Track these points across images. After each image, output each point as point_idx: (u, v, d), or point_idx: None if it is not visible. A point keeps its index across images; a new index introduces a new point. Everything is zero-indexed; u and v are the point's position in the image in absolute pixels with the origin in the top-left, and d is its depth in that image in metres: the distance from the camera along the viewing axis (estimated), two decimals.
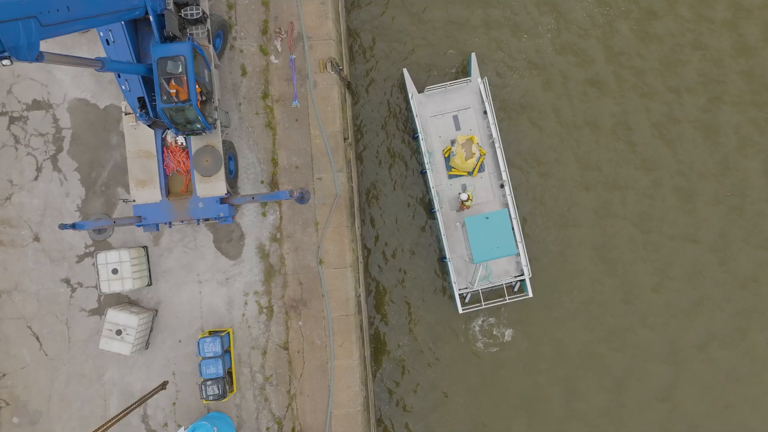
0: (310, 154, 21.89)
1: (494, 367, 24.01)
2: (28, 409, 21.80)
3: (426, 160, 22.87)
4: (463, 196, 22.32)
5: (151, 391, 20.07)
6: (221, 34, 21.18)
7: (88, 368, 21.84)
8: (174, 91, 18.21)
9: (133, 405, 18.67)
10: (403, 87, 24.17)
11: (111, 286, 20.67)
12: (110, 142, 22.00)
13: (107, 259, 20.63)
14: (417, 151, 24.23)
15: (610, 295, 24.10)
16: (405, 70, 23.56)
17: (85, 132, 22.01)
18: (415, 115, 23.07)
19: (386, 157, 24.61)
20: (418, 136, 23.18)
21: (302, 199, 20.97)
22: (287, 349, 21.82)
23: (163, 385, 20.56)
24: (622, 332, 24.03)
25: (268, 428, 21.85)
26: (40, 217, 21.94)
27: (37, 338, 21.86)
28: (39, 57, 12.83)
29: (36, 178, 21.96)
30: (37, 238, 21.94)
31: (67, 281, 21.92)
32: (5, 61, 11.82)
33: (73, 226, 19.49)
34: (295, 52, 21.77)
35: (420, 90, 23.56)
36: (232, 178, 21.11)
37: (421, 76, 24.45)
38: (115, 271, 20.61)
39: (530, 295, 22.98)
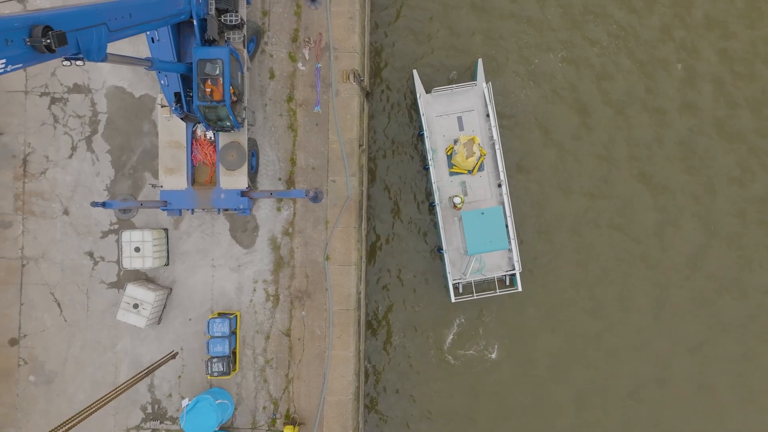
0: (326, 157, 23.91)
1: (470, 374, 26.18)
2: (45, 369, 23.86)
3: (429, 156, 24.70)
4: (456, 200, 24.29)
5: (161, 360, 22.12)
6: (255, 39, 23.21)
7: (103, 337, 23.90)
8: (209, 90, 20.23)
9: (143, 372, 20.70)
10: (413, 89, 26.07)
11: (132, 262, 22.74)
12: (142, 129, 24.03)
13: (131, 237, 22.70)
14: (417, 150, 26.21)
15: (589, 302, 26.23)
16: (415, 72, 25.30)
17: (119, 118, 24.04)
18: (421, 114, 24.88)
19: (395, 160, 26.66)
20: (423, 134, 25.14)
21: (316, 198, 22.98)
22: (289, 335, 23.89)
23: (173, 355, 22.60)
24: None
25: (264, 407, 23.92)
26: (70, 192, 23.97)
27: (59, 305, 23.91)
28: (104, 58, 14.85)
29: (70, 156, 23.99)
30: (66, 212, 23.98)
31: (90, 254, 23.97)
32: (78, 62, 13.84)
33: (104, 204, 21.50)
34: (321, 62, 23.77)
35: (428, 91, 25.48)
36: (252, 173, 23.16)
37: (433, 77, 26.41)
38: (137, 250, 22.68)
39: (519, 289, 24.91)
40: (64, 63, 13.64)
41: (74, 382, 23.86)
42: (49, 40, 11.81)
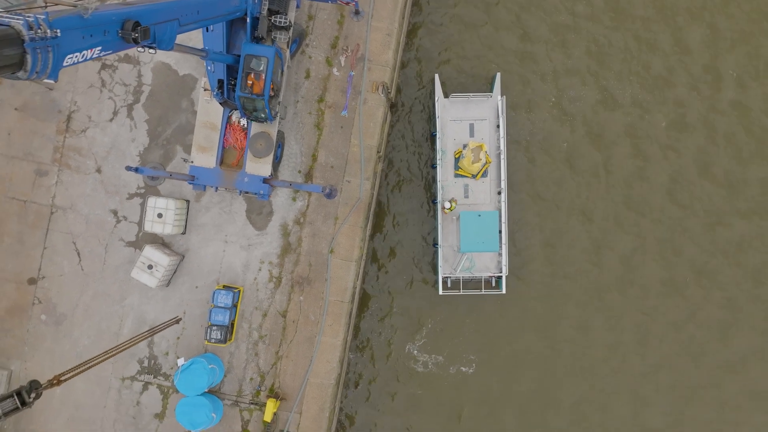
0: (345, 158, 26.21)
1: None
2: (56, 311, 26.19)
3: (438, 156, 26.86)
4: (446, 204, 26.62)
5: (166, 323, 24.43)
6: (298, 40, 25.50)
7: (114, 290, 26.22)
8: (251, 83, 22.52)
9: (147, 332, 22.97)
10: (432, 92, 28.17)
11: (153, 227, 25.06)
12: (180, 105, 26.33)
13: (156, 204, 25.01)
14: (424, 156, 28.55)
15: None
16: (436, 76, 27.34)
17: (161, 92, 26.33)
18: (437, 116, 26.95)
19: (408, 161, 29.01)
20: (435, 135, 27.22)
21: (330, 195, 25.36)
22: (285, 316, 26.21)
23: (177, 320, 24.92)
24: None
25: (251, 379, 26.26)
26: (106, 153, 26.27)
27: (78, 254, 26.22)
28: (171, 47, 17.15)
29: (111, 120, 26.28)
30: (99, 170, 26.28)
31: (114, 212, 26.28)
32: (151, 50, 16.16)
33: (137, 169, 23.82)
34: (355, 70, 26.07)
35: (446, 95, 27.44)
36: (276, 162, 25.46)
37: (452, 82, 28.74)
38: (159, 216, 24.99)
39: (503, 291, 27.07)
40: (139, 50, 15.95)
41: (81, 328, 26.19)
42: (137, 34, 14.11)
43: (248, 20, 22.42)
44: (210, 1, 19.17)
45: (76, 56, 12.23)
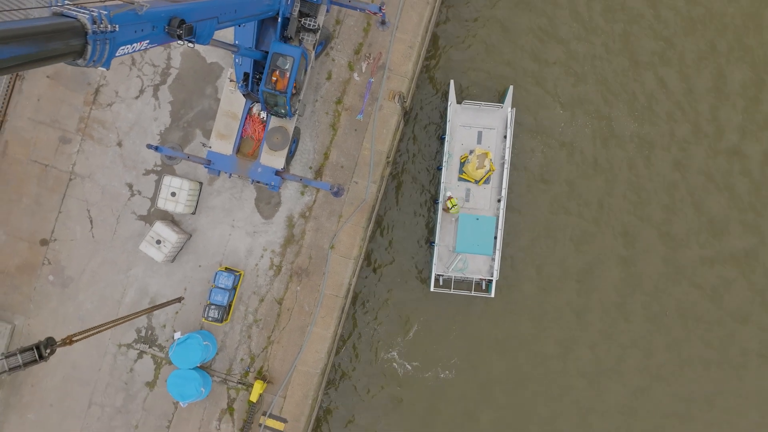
0: (355, 160, 27.65)
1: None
2: (64, 274, 27.66)
3: (445, 159, 28.32)
4: (447, 194, 27.96)
5: (168, 302, 25.92)
6: (324, 43, 26.93)
7: (121, 260, 27.67)
8: (275, 80, 23.96)
9: (151, 307, 24.45)
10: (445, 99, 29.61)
11: (166, 204, 26.51)
12: (204, 91, 27.78)
13: (171, 183, 26.47)
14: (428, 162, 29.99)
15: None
16: (452, 81, 28.80)
17: (188, 76, 27.77)
18: (448, 120, 28.42)
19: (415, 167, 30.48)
20: (444, 138, 28.58)
21: (337, 193, 26.80)
22: (281, 304, 27.67)
23: (179, 299, 26.37)
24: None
25: (242, 359, 27.72)
26: (128, 128, 27.72)
27: (91, 221, 27.68)
28: (208, 42, 18.59)
29: (136, 98, 27.73)
30: (119, 144, 27.74)
31: (130, 186, 27.74)
32: (190, 45, 17.58)
33: (157, 148, 25.33)
34: (375, 77, 27.49)
35: (459, 101, 28.87)
36: (289, 156, 26.90)
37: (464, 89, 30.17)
38: (173, 194, 26.45)
39: (492, 295, 28.53)
40: (178, 43, 17.37)
41: (85, 292, 27.65)
42: (181, 31, 15.55)
43: (279, 20, 23.82)
44: (246, 1, 20.60)
45: (127, 48, 13.66)
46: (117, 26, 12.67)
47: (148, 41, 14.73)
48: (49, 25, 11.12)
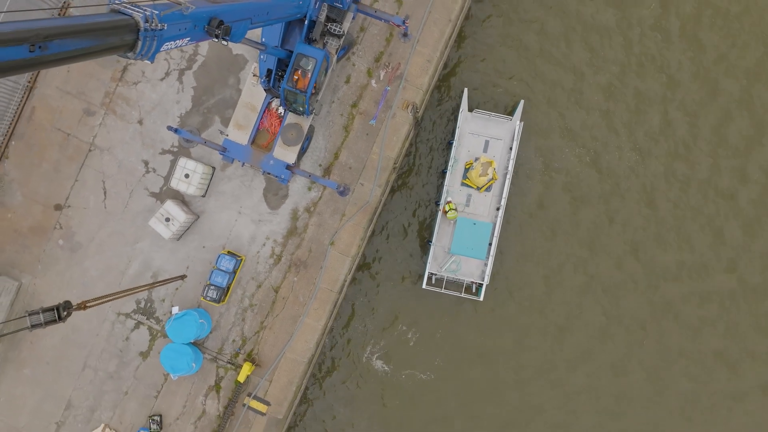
0: (364, 163, 29.16)
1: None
2: (74, 239, 29.19)
3: (450, 163, 29.79)
4: (448, 199, 29.42)
5: (171, 278, 27.45)
6: (346, 48, 28.46)
7: (129, 232, 29.20)
8: (297, 79, 25.49)
9: (159, 282, 26.00)
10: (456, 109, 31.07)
11: (178, 184, 28.04)
12: (227, 81, 29.30)
13: (186, 165, 28.00)
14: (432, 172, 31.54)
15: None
16: (465, 90, 30.28)
17: (213, 64, 29.29)
18: (457, 126, 29.92)
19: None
20: (452, 143, 30.07)
21: (343, 192, 28.33)
22: (277, 292, 29.19)
23: (182, 277, 27.89)
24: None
25: (234, 340, 29.25)
26: (150, 108, 29.25)
27: (105, 193, 29.21)
28: (240, 41, 20.13)
29: (162, 80, 29.25)
30: (140, 122, 29.27)
31: (146, 163, 29.27)
32: (224, 42, 19.10)
33: (176, 130, 26.90)
34: (391, 86, 29.00)
35: (470, 109, 30.33)
36: (301, 152, 28.42)
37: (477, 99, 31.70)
38: (187, 176, 27.98)
39: (481, 299, 30.01)
40: (213, 40, 18.89)
41: (92, 259, 29.19)
42: (219, 30, 17.09)
43: (305, 22, 25.35)
44: (278, 4, 22.13)
45: (171, 44, 15.17)
46: (165, 25, 14.20)
47: (189, 38, 16.26)
48: (108, 22, 12.64)
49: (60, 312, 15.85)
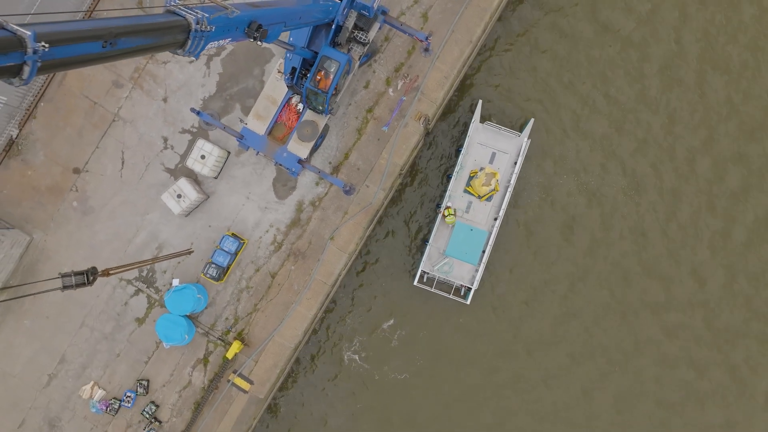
0: (372, 166, 31.05)
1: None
2: (87, 203, 31.09)
3: (456, 169, 31.66)
4: (447, 203, 31.27)
5: (179, 252, 29.29)
6: (369, 55, 30.35)
7: (140, 203, 31.10)
8: (319, 79, 27.39)
9: (170, 254, 27.86)
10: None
11: (194, 164, 29.93)
12: (252, 72, 31.20)
13: (203, 146, 29.89)
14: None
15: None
16: (480, 101, 32.30)
17: (241, 54, 31.16)
18: (468, 135, 31.80)
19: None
20: (461, 150, 31.92)
21: (348, 192, 30.24)
22: (273, 278, 31.09)
23: (189, 252, 29.77)
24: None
25: (227, 318, 31.15)
26: (176, 88, 31.14)
27: (123, 163, 31.11)
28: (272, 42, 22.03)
29: (190, 62, 31.11)
30: (165, 100, 31.16)
31: (165, 139, 31.16)
32: (259, 43, 21.00)
33: (198, 113, 28.79)
34: (407, 97, 30.89)
35: (482, 121, 32.19)
36: (314, 149, 30.31)
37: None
38: (203, 157, 29.88)
39: (468, 302, 31.97)
40: (251, 41, 20.79)
41: (102, 224, 31.09)
42: (257, 33, 19.00)
43: (332, 27, 27.23)
44: (310, 10, 24.03)
45: (214, 43, 17.08)
46: (213, 27, 16.11)
47: (230, 39, 18.15)
48: (165, 22, 14.55)
49: (89, 276, 17.71)
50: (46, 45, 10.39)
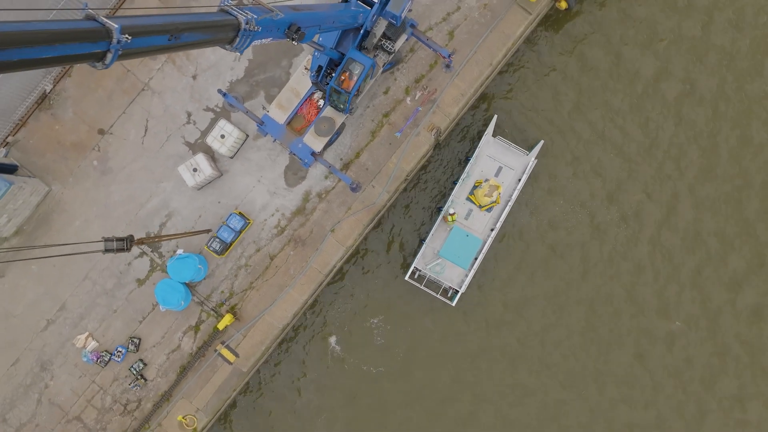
0: (380, 168, 33.37)
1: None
2: (107, 164, 33.42)
3: (462, 177, 33.91)
4: (450, 211, 33.68)
5: (199, 231, 31.64)
6: (393, 64, 32.68)
7: (158, 171, 33.42)
8: (343, 80, 29.72)
9: (191, 232, 30.28)
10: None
11: (213, 142, 32.25)
12: (280, 62, 33.52)
13: (225, 126, 32.21)
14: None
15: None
16: (495, 116, 34.62)
17: (272, 45, 33.43)
18: (478, 146, 34.14)
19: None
20: (470, 159, 34.19)
21: (355, 189, 32.59)
22: (272, 260, 33.43)
23: (207, 231, 32.10)
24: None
25: (222, 291, 33.47)
26: (207, 67, 33.47)
27: (146, 130, 33.42)
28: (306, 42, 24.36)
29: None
30: (194, 77, 33.49)
31: (189, 114, 33.49)
32: (294, 42, 23.34)
33: (224, 94, 31.10)
34: (423, 108, 33.25)
35: (494, 135, 34.52)
36: (328, 144, 32.64)
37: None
38: (222, 136, 32.20)
39: (453, 304, 34.28)
40: (288, 41, 23.11)
41: (118, 186, 33.41)
42: (296, 35, 21.34)
43: (361, 32, 29.53)
44: (342, 15, 26.38)
45: (258, 41, 19.42)
46: (260, 27, 18.45)
47: (271, 38, 20.50)
48: (220, 20, 16.87)
49: (128, 243, 20.12)
50: (129, 37, 12.74)
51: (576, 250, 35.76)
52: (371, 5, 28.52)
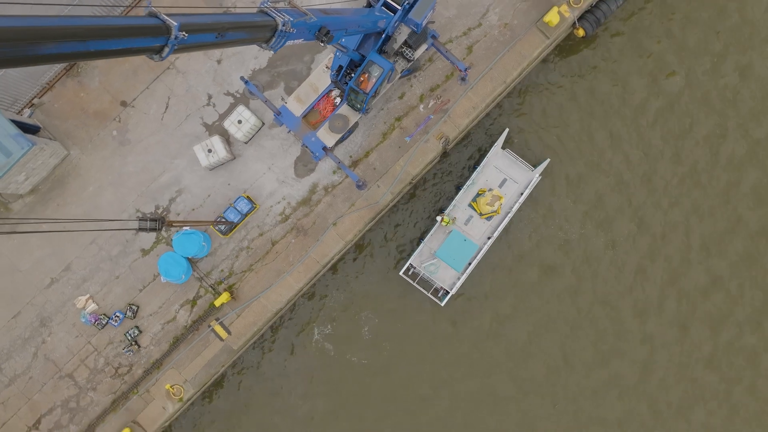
0: (387, 169, 35.30)
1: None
2: (126, 135, 35.31)
3: (467, 184, 35.79)
4: (447, 215, 35.55)
5: (217, 220, 33.54)
6: (410, 71, 34.62)
7: (173, 147, 35.31)
8: (362, 80, 31.67)
9: (211, 221, 32.18)
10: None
11: (230, 126, 34.16)
12: (303, 57, 35.43)
13: (243, 112, 34.12)
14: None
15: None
16: (507, 130, 36.62)
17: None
18: (486, 156, 36.08)
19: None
20: (477, 168, 36.06)
21: (360, 186, 34.53)
22: (273, 245, 35.36)
23: (227, 222, 33.98)
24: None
25: (222, 270, 35.39)
26: (231, 53, 35.36)
27: (166, 107, 35.32)
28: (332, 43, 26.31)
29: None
30: (219, 62, 35.38)
31: (209, 97, 35.39)
32: (321, 43, 25.26)
33: (246, 82, 33.01)
34: (434, 116, 35.20)
35: (503, 147, 36.46)
36: (340, 140, 34.58)
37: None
38: (239, 122, 34.12)
39: (442, 304, 36.24)
40: (317, 42, 25.04)
41: (134, 157, 35.32)
42: (325, 38, 23.29)
43: (382, 36, 31.47)
44: (367, 19, 28.37)
45: (291, 42, 21.37)
46: (294, 29, 20.40)
47: (302, 39, 22.46)
48: (260, 21, 18.80)
49: (160, 224, 22.05)
50: (186, 33, 14.68)
51: (567, 269, 37.78)
52: (394, 11, 30.52)
